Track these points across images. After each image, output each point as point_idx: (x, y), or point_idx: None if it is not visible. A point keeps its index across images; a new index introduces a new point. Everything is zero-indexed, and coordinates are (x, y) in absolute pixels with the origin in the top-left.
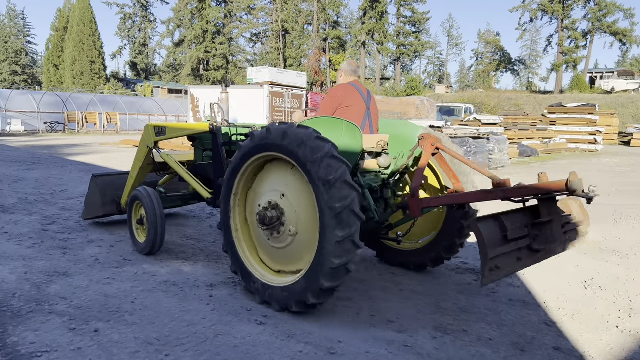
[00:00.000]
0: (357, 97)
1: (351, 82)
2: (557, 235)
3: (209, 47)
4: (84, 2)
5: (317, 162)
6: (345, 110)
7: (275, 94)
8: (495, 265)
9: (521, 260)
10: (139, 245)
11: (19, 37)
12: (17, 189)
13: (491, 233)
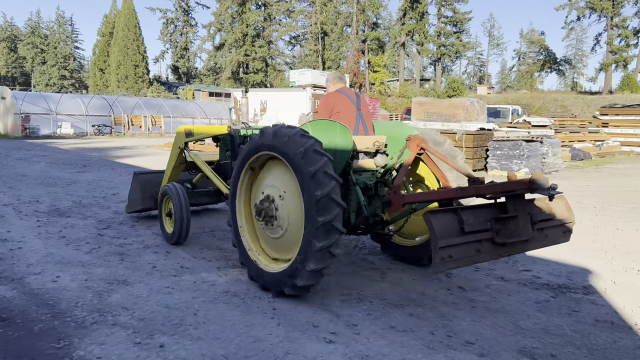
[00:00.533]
0: (347, 102)
1: (339, 89)
2: (523, 231)
3: (248, 50)
4: (128, 7)
5: (300, 155)
6: (337, 116)
7: (317, 97)
8: (448, 254)
9: (481, 252)
10: (167, 235)
11: (67, 42)
12: (71, 191)
13: (444, 225)
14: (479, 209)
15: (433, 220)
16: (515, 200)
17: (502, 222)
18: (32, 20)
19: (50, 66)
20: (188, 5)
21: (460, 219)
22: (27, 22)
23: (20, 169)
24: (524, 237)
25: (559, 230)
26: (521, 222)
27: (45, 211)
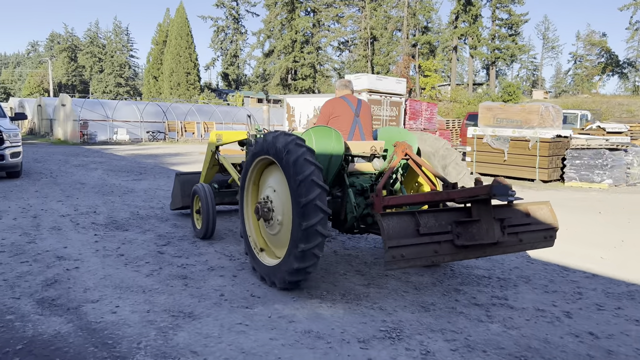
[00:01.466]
0: (345, 108)
1: (343, 96)
2: (487, 235)
3: (297, 56)
4: (181, 16)
5: (292, 163)
6: (334, 120)
7: (373, 102)
8: (400, 254)
9: (439, 253)
10: (197, 230)
11: (123, 51)
12: (128, 201)
13: (396, 226)
14: (441, 213)
15: (384, 222)
16: (480, 205)
17: (463, 225)
18: (91, 31)
19: (107, 74)
20: (238, 13)
21: (417, 221)
22: (86, 33)
23: (78, 177)
24: (488, 240)
25: (538, 235)
26: (485, 226)
27: (103, 223)
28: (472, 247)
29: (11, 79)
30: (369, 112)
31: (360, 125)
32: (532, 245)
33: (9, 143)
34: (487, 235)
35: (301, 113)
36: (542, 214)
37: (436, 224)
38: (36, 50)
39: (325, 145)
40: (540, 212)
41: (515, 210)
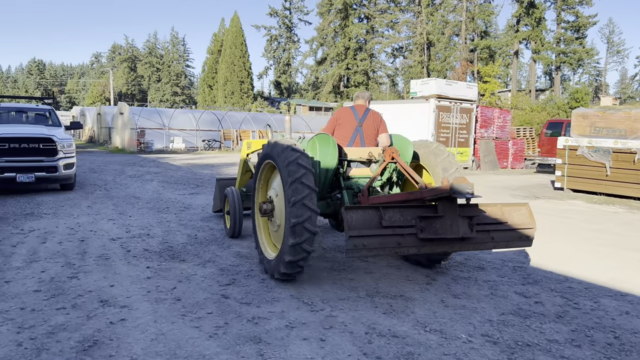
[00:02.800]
0: (350, 117)
1: (352, 106)
2: (451, 230)
3: (350, 63)
4: (235, 26)
5: (286, 166)
6: (338, 127)
7: (442, 108)
8: (362, 243)
9: (402, 245)
10: (227, 230)
11: (179, 61)
12: (185, 220)
13: (359, 218)
14: (406, 208)
15: (347, 215)
16: (445, 203)
17: (427, 220)
18: (150, 42)
19: (164, 83)
20: (291, 22)
21: (381, 215)
22: (145, 44)
23: (132, 189)
24: (451, 235)
25: (513, 235)
26: (448, 222)
27: (157, 251)
28: (437, 241)
29: (76, 88)
30: (374, 122)
31: (362, 134)
32: (507, 244)
33: (63, 154)
34: (451, 231)
35: None
36: (519, 215)
37: (401, 218)
38: (99, 61)
39: (325, 151)
40: (517, 213)
41: (489, 209)
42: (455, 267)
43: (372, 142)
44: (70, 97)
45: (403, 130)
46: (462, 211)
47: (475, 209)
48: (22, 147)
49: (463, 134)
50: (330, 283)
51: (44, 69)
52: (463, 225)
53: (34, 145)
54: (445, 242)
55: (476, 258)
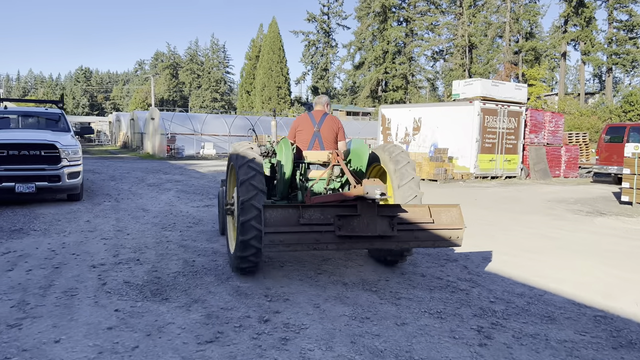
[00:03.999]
0: (308, 123)
1: (310, 112)
2: (368, 229)
3: (388, 67)
4: (273, 31)
5: (239, 169)
6: (299, 133)
7: (487, 112)
8: (279, 239)
9: (320, 241)
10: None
11: (219, 68)
12: (188, 240)
13: (277, 216)
14: (326, 207)
15: (265, 213)
16: (364, 203)
17: (346, 219)
18: (191, 49)
19: (204, 90)
20: (329, 27)
21: (300, 213)
22: (186, 51)
23: (145, 200)
24: (368, 233)
25: (440, 234)
26: (365, 221)
27: (139, 283)
28: (357, 239)
29: (120, 95)
30: (332, 126)
31: (320, 138)
32: (433, 243)
33: (67, 162)
34: (368, 229)
35: (398, 125)
36: (449, 216)
37: (321, 216)
38: (142, 69)
39: (285, 154)
40: (446, 214)
41: (415, 209)
42: (517, 315)
43: (331, 145)
44: (115, 104)
45: (444, 135)
46: (382, 211)
47: (396, 209)
48: (22, 155)
49: (511, 140)
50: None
51: (91, 77)
52: (382, 224)
53: (35, 152)
54: (364, 239)
55: (541, 301)
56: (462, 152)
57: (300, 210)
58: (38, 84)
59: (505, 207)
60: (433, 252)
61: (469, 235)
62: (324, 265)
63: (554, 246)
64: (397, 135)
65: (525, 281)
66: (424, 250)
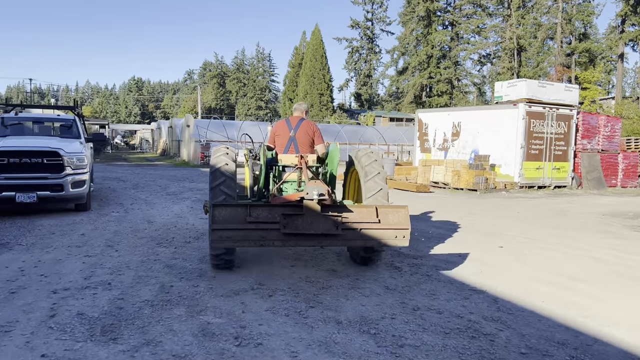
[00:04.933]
0: (284, 128)
1: (287, 118)
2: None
3: (433, 72)
4: (316, 38)
5: (211, 174)
6: (277, 138)
7: (533, 115)
8: (226, 235)
9: (266, 238)
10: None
11: (265, 76)
12: (179, 258)
13: (226, 214)
14: (274, 207)
15: (214, 211)
16: (309, 203)
17: (290, 217)
18: (238, 58)
19: (249, 98)
20: (373, 33)
21: (248, 212)
22: (233, 60)
23: (155, 211)
24: (311, 231)
25: (386, 234)
26: (309, 220)
27: (94, 316)
28: (302, 236)
29: (170, 104)
30: (307, 130)
31: (296, 142)
32: (379, 241)
33: (71, 169)
34: (311, 227)
35: (436, 130)
36: (396, 216)
37: (268, 215)
38: (191, 78)
39: (262, 158)
40: (393, 214)
41: (360, 209)
42: None
43: (307, 148)
44: (165, 112)
45: (485, 141)
46: (326, 210)
47: (340, 209)
48: (24, 162)
49: (560, 146)
50: None
51: (142, 86)
52: (326, 223)
53: (37, 159)
54: (310, 237)
55: (589, 354)
56: (505, 159)
57: (248, 209)
58: (94, 94)
59: (550, 222)
60: (458, 279)
61: (503, 254)
62: (321, 294)
63: (608, 272)
64: (434, 141)
65: (569, 323)
66: (446, 278)
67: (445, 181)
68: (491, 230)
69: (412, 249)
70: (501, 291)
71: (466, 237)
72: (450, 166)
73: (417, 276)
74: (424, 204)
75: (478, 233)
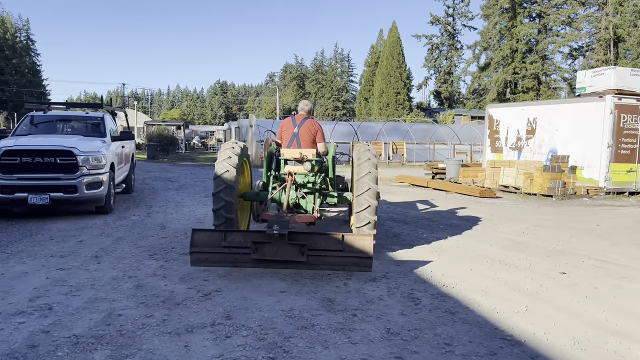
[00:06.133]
0: (289, 125)
1: (293, 115)
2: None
3: (517, 67)
4: (393, 36)
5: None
6: (283, 134)
7: (624, 109)
8: (204, 257)
9: (238, 261)
10: None
11: (343, 77)
12: (165, 272)
13: (204, 238)
14: (247, 233)
15: (194, 235)
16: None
17: (260, 244)
18: (317, 59)
19: (326, 99)
20: (454, 28)
21: (223, 237)
22: (312, 62)
23: (178, 214)
24: (278, 258)
25: (350, 260)
26: (275, 247)
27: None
28: (268, 262)
29: (252, 106)
30: (310, 128)
31: (299, 138)
32: (343, 267)
33: (86, 170)
34: (277, 254)
35: (508, 128)
36: (359, 245)
37: (242, 240)
38: (273, 81)
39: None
40: (357, 242)
41: (326, 237)
42: None
43: (308, 144)
44: (247, 114)
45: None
46: (293, 238)
47: (306, 237)
48: (36, 162)
49: None
50: None
51: (227, 89)
52: (292, 251)
53: (49, 159)
54: (278, 262)
55: None
56: (588, 160)
57: (224, 235)
58: (183, 98)
59: (639, 239)
60: (490, 321)
61: (564, 285)
62: (294, 338)
63: None
64: (507, 139)
65: None
66: (475, 317)
67: (517, 185)
68: (556, 249)
69: (444, 273)
70: (549, 345)
71: (520, 258)
72: (522, 168)
73: (437, 313)
74: (483, 212)
75: (538, 252)
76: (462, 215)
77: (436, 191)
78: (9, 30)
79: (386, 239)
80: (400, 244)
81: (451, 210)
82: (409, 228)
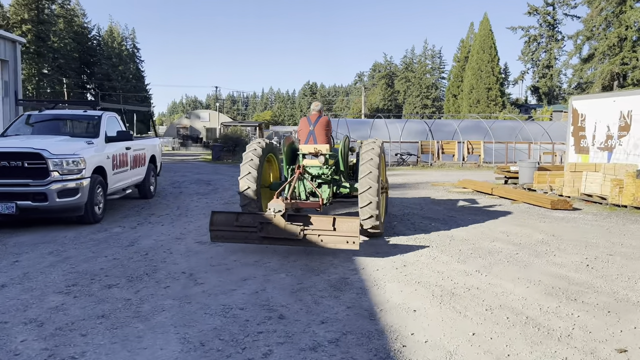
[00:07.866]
0: (305, 124)
1: (308, 116)
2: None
3: (627, 57)
4: (484, 29)
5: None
6: (300, 132)
7: None
8: (222, 235)
9: (248, 238)
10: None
11: (433, 74)
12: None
13: (222, 219)
14: (255, 215)
15: (213, 216)
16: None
17: (264, 224)
18: (407, 57)
19: (414, 96)
20: (554, 18)
21: (237, 218)
22: (402, 59)
23: (182, 223)
24: (279, 236)
25: (340, 239)
26: (276, 228)
27: None
28: (273, 239)
29: (340, 106)
30: (323, 125)
31: (314, 135)
32: (334, 244)
33: (58, 175)
34: (278, 233)
35: (596, 123)
36: (348, 226)
37: (252, 221)
38: (361, 80)
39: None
40: (346, 224)
41: (320, 219)
42: None
43: (323, 140)
44: (336, 114)
45: None
46: (292, 219)
47: (303, 219)
48: (2, 166)
49: None
50: None
51: (316, 90)
52: (291, 230)
53: (16, 162)
54: (280, 240)
55: None
56: None
57: (237, 216)
58: (276, 99)
59: None
60: None
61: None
62: None
63: None
64: (594, 138)
65: None
66: None
67: (602, 194)
68: (628, 297)
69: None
70: None
71: (563, 314)
72: (609, 173)
73: None
74: (543, 231)
75: (596, 302)
76: (510, 236)
77: (501, 199)
78: (116, 40)
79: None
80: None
81: (500, 229)
82: (428, 253)
